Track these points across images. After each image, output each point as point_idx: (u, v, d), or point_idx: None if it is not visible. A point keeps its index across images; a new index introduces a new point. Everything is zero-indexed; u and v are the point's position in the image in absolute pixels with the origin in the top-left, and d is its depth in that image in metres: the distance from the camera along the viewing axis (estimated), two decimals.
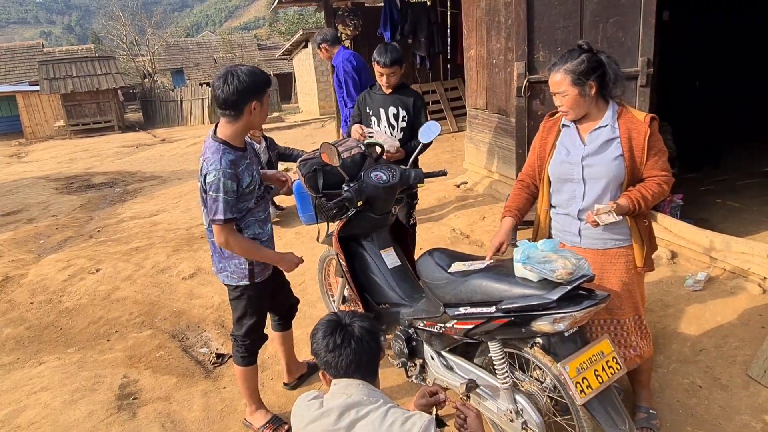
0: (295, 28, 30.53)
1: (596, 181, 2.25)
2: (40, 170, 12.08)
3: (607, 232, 2.27)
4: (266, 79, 2.30)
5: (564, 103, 2.23)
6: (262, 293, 2.57)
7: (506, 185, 5.37)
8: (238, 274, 2.45)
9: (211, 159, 2.25)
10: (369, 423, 1.55)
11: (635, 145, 2.17)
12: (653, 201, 2.19)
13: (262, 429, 2.67)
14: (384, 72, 3.49)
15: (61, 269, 5.01)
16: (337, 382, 1.69)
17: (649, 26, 3.55)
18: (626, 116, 2.21)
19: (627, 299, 2.32)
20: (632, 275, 2.30)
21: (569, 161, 2.28)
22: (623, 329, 2.36)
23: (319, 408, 1.63)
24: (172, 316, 4.02)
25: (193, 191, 8.18)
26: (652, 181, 2.19)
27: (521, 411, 2.13)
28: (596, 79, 2.16)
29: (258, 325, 2.61)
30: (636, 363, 2.39)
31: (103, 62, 21.91)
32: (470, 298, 2.16)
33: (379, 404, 1.60)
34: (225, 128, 2.30)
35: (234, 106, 2.22)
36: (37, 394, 3.07)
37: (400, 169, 2.88)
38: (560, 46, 3.84)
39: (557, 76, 2.19)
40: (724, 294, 3.39)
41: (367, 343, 1.70)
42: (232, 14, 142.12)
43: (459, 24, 8.54)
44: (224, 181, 2.21)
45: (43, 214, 7.56)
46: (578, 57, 2.16)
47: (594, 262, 2.27)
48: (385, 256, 2.89)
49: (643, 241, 2.26)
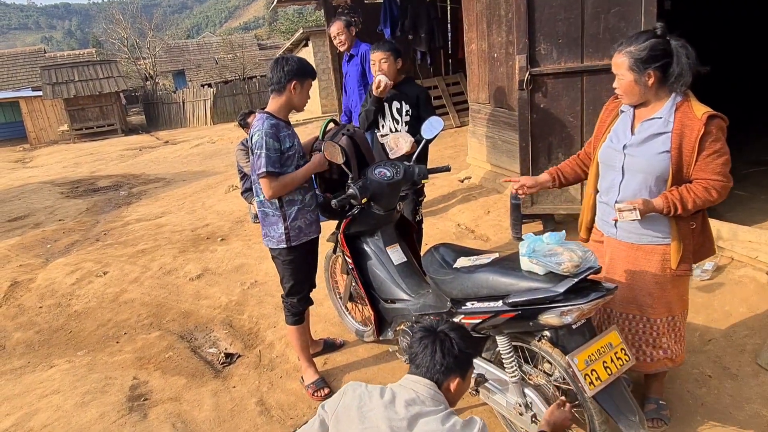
0: (295, 27, 30.51)
1: (635, 173, 2.14)
2: (45, 175, 12.15)
3: (644, 227, 2.17)
4: (309, 69, 2.71)
5: (619, 86, 2.12)
6: (299, 257, 2.82)
7: None
8: (277, 238, 2.76)
9: (255, 125, 2.64)
10: (432, 421, 1.60)
11: (685, 143, 2.01)
12: (696, 206, 2.04)
13: (307, 387, 2.96)
14: (376, 59, 3.51)
15: (69, 273, 5.04)
16: (409, 377, 1.76)
17: (650, 16, 3.52)
18: (684, 110, 2.04)
19: (659, 298, 2.23)
20: (667, 274, 2.19)
21: (614, 148, 2.20)
22: (653, 328, 2.28)
23: (381, 396, 1.68)
24: (180, 317, 4.04)
25: (197, 192, 8.20)
26: (699, 184, 2.03)
27: (530, 404, 2.14)
28: (658, 69, 2.02)
29: (298, 287, 2.88)
30: (666, 366, 2.33)
31: (105, 66, 21.98)
32: (477, 292, 2.16)
33: (440, 408, 1.67)
34: (271, 103, 2.71)
35: (278, 82, 2.65)
36: (49, 397, 3.10)
37: (404, 165, 2.88)
38: (561, 38, 3.82)
39: (618, 57, 2.07)
40: (732, 283, 3.37)
41: (455, 352, 1.75)
42: (231, 15, 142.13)
43: (459, 19, 8.52)
44: (266, 140, 2.56)
45: (50, 219, 7.61)
46: (644, 41, 2.02)
47: (628, 256, 2.25)
48: (390, 252, 2.90)
49: (682, 243, 2.13)
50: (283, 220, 2.72)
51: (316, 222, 2.88)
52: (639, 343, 2.32)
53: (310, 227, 2.83)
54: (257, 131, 2.59)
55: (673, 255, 2.15)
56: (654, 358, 2.31)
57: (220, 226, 6.10)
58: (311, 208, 2.83)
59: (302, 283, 2.90)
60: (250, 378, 3.17)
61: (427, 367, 1.73)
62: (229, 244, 5.41)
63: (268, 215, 2.75)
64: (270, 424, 2.75)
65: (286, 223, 2.72)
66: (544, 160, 4.12)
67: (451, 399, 1.77)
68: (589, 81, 3.83)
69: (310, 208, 2.82)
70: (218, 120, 21.58)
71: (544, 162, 4.12)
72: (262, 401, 2.93)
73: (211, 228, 6.06)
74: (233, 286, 4.42)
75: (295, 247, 2.77)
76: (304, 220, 2.78)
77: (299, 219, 2.76)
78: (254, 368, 3.27)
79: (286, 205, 2.72)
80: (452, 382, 1.75)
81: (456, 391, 1.77)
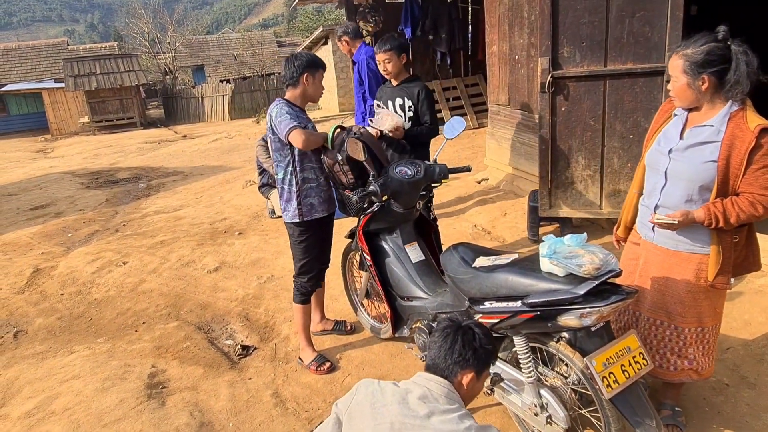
0: (314, 25, 30.63)
1: (678, 180, 2.09)
2: (66, 165, 12.34)
3: (682, 235, 2.12)
4: (318, 61, 2.90)
5: (672, 88, 2.07)
6: (311, 236, 3.02)
7: (528, 182, 5.36)
8: (292, 213, 2.97)
9: (272, 106, 2.88)
10: (447, 420, 1.57)
11: (735, 155, 1.94)
12: (740, 220, 1.96)
13: (308, 365, 3.12)
14: (380, 59, 3.56)
15: (90, 262, 5.13)
16: (422, 374, 1.74)
17: (676, 20, 3.50)
18: (737, 120, 1.95)
19: (691, 308, 2.19)
20: (701, 284, 2.14)
21: (660, 151, 2.15)
22: (680, 337, 2.25)
23: (396, 393, 1.66)
24: (198, 309, 4.09)
25: (215, 187, 8.29)
26: (745, 198, 1.95)
27: (546, 405, 2.14)
28: (713, 75, 1.95)
29: (308, 266, 3.06)
30: (690, 377, 2.28)
31: (126, 60, 22.26)
32: (495, 292, 2.17)
33: (455, 407, 1.64)
34: (287, 93, 2.95)
35: (291, 76, 2.87)
36: (70, 382, 3.16)
37: (425, 164, 2.90)
38: (585, 42, 3.81)
39: (675, 59, 2.02)
40: (752, 292, 3.34)
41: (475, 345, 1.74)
42: (251, 11, 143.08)
43: (480, 20, 8.51)
44: (285, 108, 2.81)
45: (71, 209, 7.74)
46: (703, 44, 1.96)
47: (663, 261, 2.22)
48: (409, 250, 2.92)
49: (722, 256, 2.06)
50: (297, 196, 2.94)
51: (329, 201, 3.06)
52: (664, 350, 2.29)
53: (323, 205, 3.01)
54: (275, 107, 2.84)
55: (711, 266, 2.09)
56: (678, 368, 2.28)
57: (237, 220, 6.16)
58: (325, 188, 3.02)
59: (313, 262, 3.08)
60: (265, 370, 3.21)
61: (444, 357, 1.71)
62: (246, 238, 5.46)
63: (285, 191, 2.97)
64: (285, 416, 2.79)
65: (299, 199, 2.94)
66: (564, 164, 4.11)
67: (463, 395, 1.75)
68: (611, 85, 3.82)
69: (324, 188, 3.02)
70: (236, 116, 21.74)
71: (563, 165, 4.11)
72: (277, 393, 2.97)
73: (228, 222, 6.13)
74: (250, 280, 4.47)
75: (307, 225, 2.98)
76: (317, 198, 2.98)
77: (313, 197, 2.97)
78: (270, 361, 3.31)
79: (302, 183, 2.94)
80: (466, 375, 1.72)
81: (468, 386, 1.74)
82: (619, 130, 3.87)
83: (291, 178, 2.93)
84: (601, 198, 4.10)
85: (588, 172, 4.07)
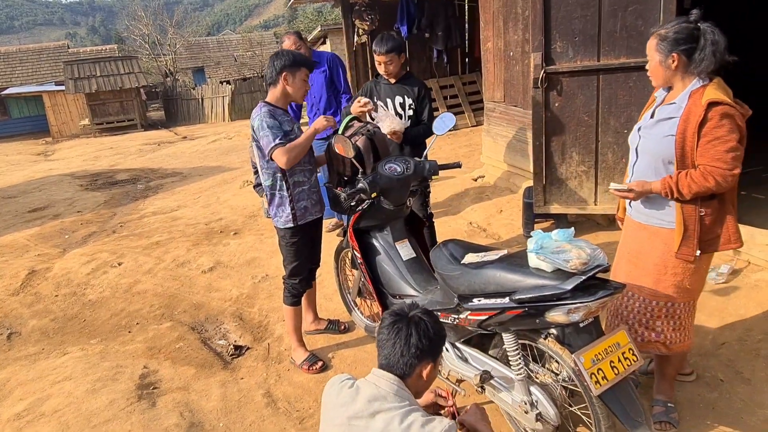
0: (314, 26, 30.60)
1: (645, 154, 2.21)
2: (66, 168, 12.35)
3: (650, 209, 2.23)
4: (300, 60, 2.84)
5: (648, 67, 2.18)
6: (302, 238, 2.99)
7: (524, 178, 5.33)
8: (285, 218, 2.92)
9: (254, 113, 2.83)
10: (389, 418, 1.57)
11: (689, 128, 2.03)
12: (692, 191, 2.03)
13: (300, 365, 3.11)
14: (381, 60, 3.50)
15: (85, 263, 5.12)
16: (375, 371, 1.72)
17: (669, 14, 3.46)
18: (695, 96, 2.05)
19: (659, 282, 2.24)
20: (668, 259, 2.19)
21: (636, 130, 2.28)
22: (647, 309, 2.30)
23: (349, 392, 1.67)
24: (192, 309, 4.08)
25: (212, 187, 8.28)
26: (699, 170, 2.03)
27: (536, 402, 2.12)
28: (683, 53, 2.05)
29: (299, 268, 3.05)
30: (658, 349, 2.32)
31: (126, 62, 22.27)
32: (484, 289, 2.15)
33: (403, 405, 1.62)
34: (269, 94, 2.90)
35: (271, 75, 2.85)
36: (61, 384, 3.15)
37: (414, 160, 2.88)
38: (578, 36, 3.78)
39: (651, 39, 2.14)
40: (747, 287, 3.31)
41: (430, 335, 1.70)
42: (251, 13, 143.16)
43: (476, 17, 8.48)
44: (266, 120, 2.74)
45: (69, 210, 7.74)
46: (674, 24, 2.08)
47: (637, 236, 2.31)
48: (399, 247, 2.90)
49: (685, 227, 2.12)
50: (290, 201, 2.90)
51: (320, 202, 3.05)
52: (632, 321, 2.35)
53: (315, 207, 3.01)
54: (256, 116, 2.79)
55: (675, 237, 2.16)
56: (645, 339, 2.32)
57: (233, 220, 6.15)
58: (316, 189, 3.01)
59: (304, 264, 3.06)
60: (258, 370, 3.19)
61: (401, 353, 1.67)
62: (241, 238, 5.45)
63: (276, 197, 2.92)
64: (276, 416, 2.77)
65: (293, 204, 2.90)
66: (558, 160, 4.08)
67: (423, 386, 1.74)
68: (605, 80, 3.78)
69: (315, 189, 3.00)
70: (236, 117, 21.72)
71: (557, 161, 4.08)
72: (269, 393, 2.95)
73: (224, 222, 6.11)
74: (244, 280, 4.45)
75: (300, 228, 2.95)
76: (310, 200, 2.96)
77: (305, 200, 2.94)
78: (262, 361, 3.29)
79: (293, 187, 2.89)
80: (425, 367, 1.70)
81: (428, 376, 1.73)
82: (614, 125, 3.84)
83: (281, 183, 2.88)
84: (596, 194, 4.07)
85: (582, 168, 4.04)
